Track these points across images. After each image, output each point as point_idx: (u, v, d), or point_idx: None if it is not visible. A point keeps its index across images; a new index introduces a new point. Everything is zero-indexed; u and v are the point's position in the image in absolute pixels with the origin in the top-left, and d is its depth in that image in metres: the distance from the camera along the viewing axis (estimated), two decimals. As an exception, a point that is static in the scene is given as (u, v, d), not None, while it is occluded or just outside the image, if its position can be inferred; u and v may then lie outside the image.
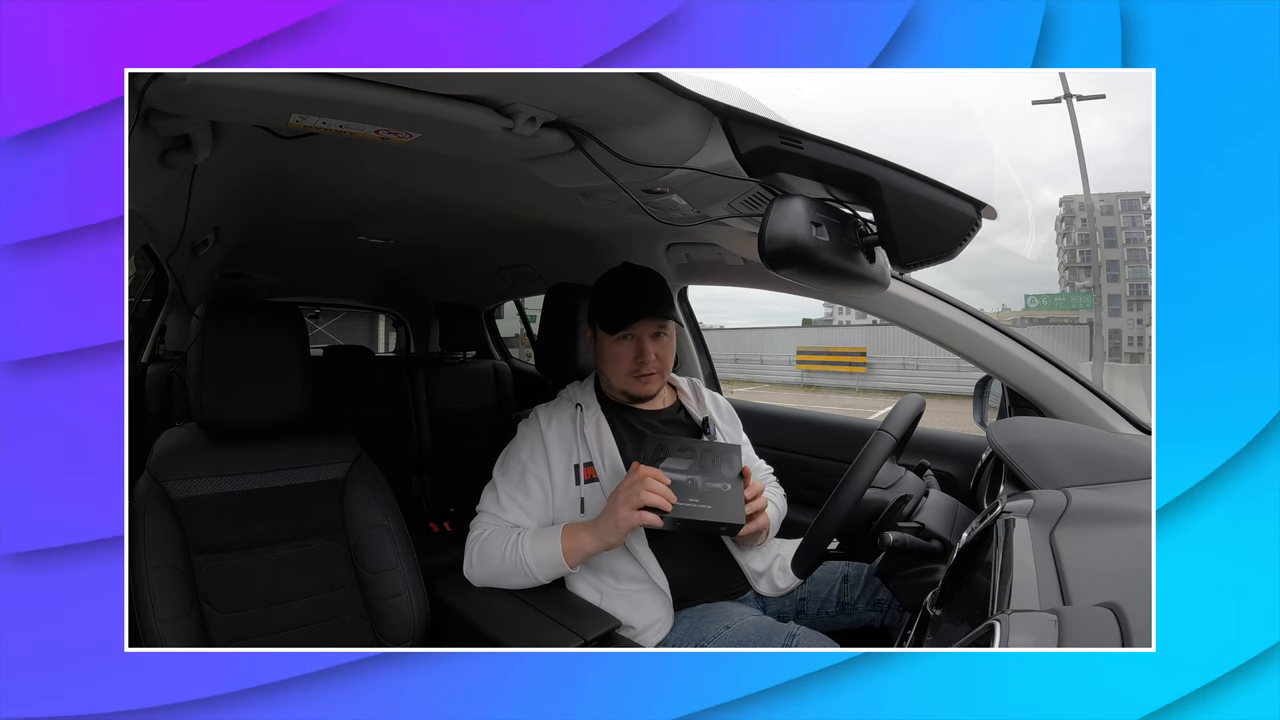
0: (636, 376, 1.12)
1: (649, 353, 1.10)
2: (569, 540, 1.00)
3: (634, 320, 1.10)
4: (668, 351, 1.14)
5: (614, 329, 1.11)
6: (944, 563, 0.89)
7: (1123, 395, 1.19)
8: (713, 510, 0.96)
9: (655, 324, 1.11)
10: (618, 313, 1.11)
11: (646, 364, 1.11)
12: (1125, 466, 0.91)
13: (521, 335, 3.61)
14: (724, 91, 0.73)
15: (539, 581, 1.02)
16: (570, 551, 0.99)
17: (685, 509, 0.94)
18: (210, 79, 0.62)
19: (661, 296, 1.13)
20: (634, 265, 1.17)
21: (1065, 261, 22.68)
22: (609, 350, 1.13)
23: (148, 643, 0.89)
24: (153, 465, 0.99)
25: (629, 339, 1.11)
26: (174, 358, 2.01)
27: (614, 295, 1.13)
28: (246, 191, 1.25)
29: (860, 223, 0.80)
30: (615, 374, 1.13)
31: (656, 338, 1.12)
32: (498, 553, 1.02)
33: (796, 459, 1.59)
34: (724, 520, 0.96)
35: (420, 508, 2.30)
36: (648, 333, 1.11)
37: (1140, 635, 0.44)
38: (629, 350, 1.11)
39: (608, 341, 1.12)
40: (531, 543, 1.01)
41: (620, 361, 1.12)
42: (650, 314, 1.10)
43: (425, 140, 0.80)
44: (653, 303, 1.11)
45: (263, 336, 1.07)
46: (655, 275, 1.16)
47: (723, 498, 0.98)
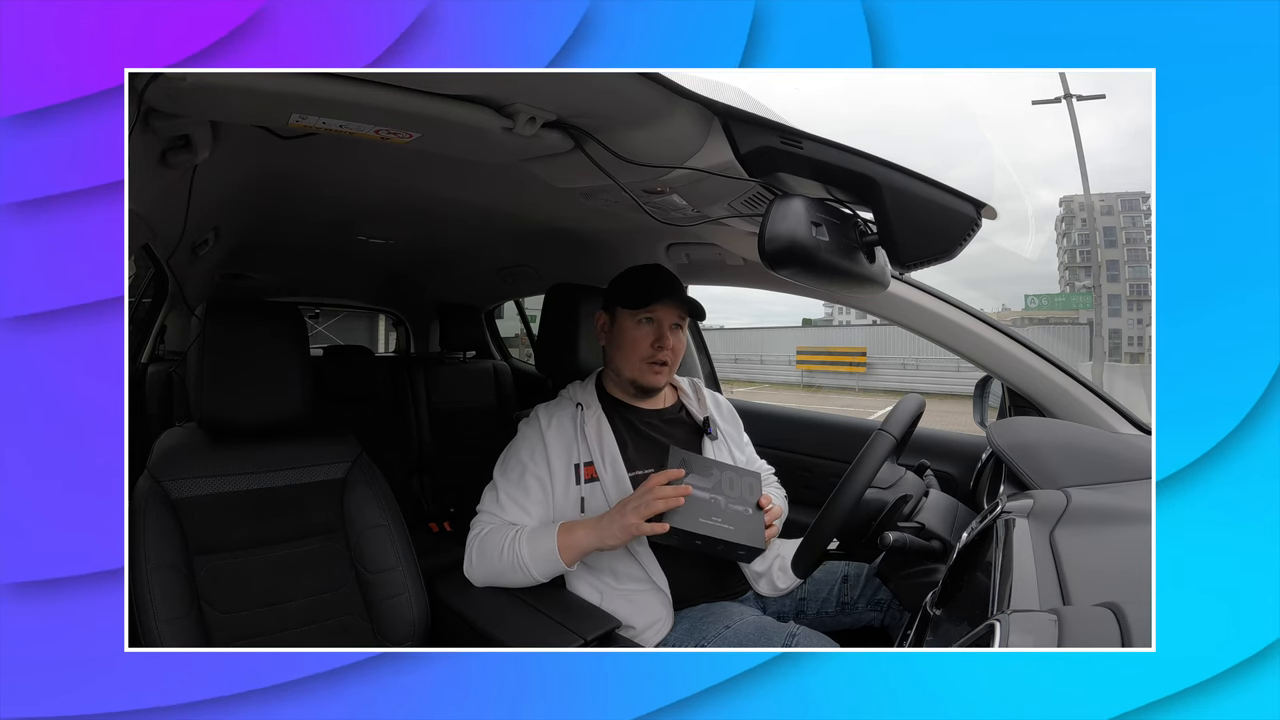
0: (651, 363, 1.12)
1: (668, 339, 1.11)
2: (565, 537, 0.99)
3: (661, 298, 1.11)
4: (681, 347, 1.15)
5: (638, 304, 1.11)
6: (944, 563, 0.89)
7: (1123, 395, 1.19)
8: (735, 531, 0.95)
9: (677, 313, 1.12)
10: (642, 291, 1.12)
11: (664, 350, 1.11)
12: (1125, 466, 0.91)
13: (521, 335, 3.61)
14: (723, 91, 0.73)
15: (535, 579, 1.01)
16: (566, 548, 0.99)
17: (708, 526, 0.94)
18: (210, 79, 0.62)
19: (684, 292, 1.15)
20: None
21: (1065, 261, 22.69)
22: (628, 333, 1.12)
23: (148, 643, 0.89)
24: (153, 465, 0.99)
25: (650, 323, 1.12)
26: (174, 358, 2.01)
27: (641, 277, 1.15)
28: (246, 191, 1.25)
29: (860, 223, 0.80)
30: (629, 360, 1.13)
31: (675, 330, 1.13)
32: (495, 550, 1.02)
33: (796, 459, 1.59)
34: (746, 543, 0.95)
35: (420, 508, 2.30)
36: (669, 320, 1.12)
37: (1140, 635, 0.45)
38: (649, 334, 1.11)
39: (628, 323, 1.12)
40: (528, 539, 1.01)
41: (638, 345, 1.12)
42: (677, 299, 1.11)
43: (425, 140, 0.80)
44: (679, 291, 1.13)
45: (263, 336, 1.07)
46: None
47: (745, 520, 0.97)
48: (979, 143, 49.89)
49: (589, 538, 0.98)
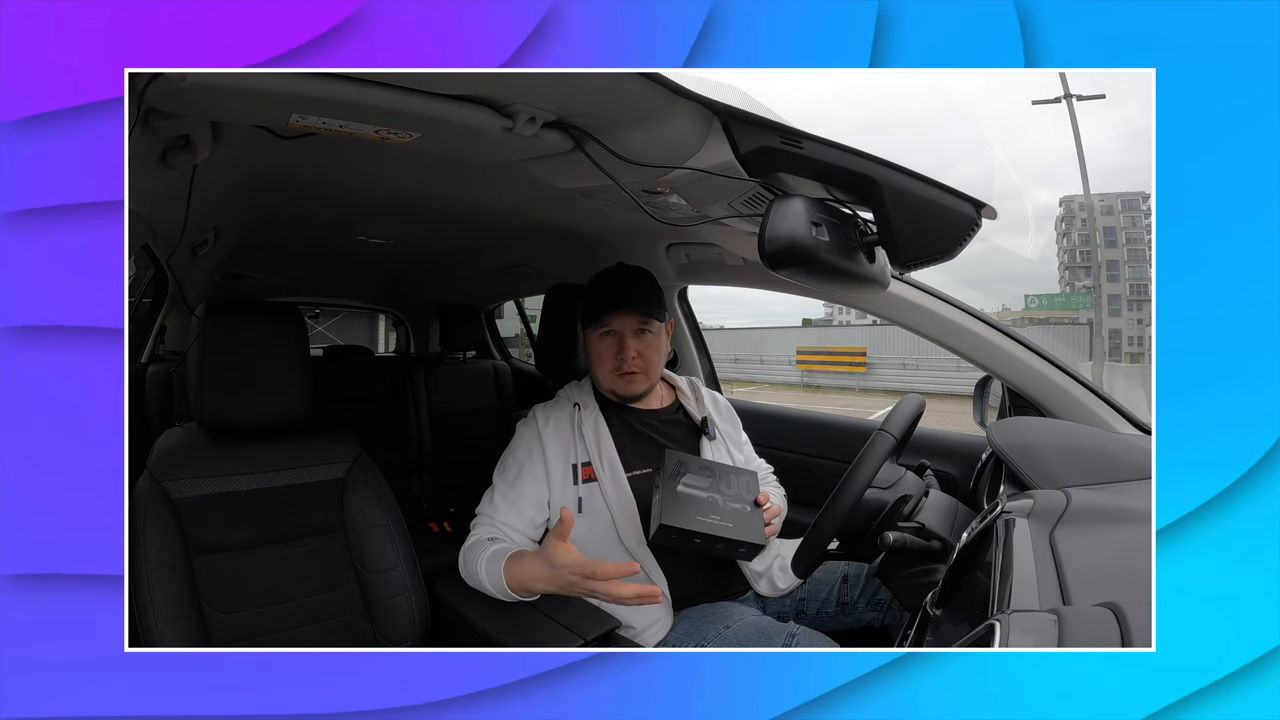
0: (619, 375, 1.10)
1: (629, 349, 1.08)
2: (513, 568, 0.94)
3: (611, 312, 1.09)
4: (653, 351, 1.11)
5: (591, 322, 1.10)
6: (944, 563, 0.89)
7: (1123, 395, 1.19)
8: (735, 529, 0.95)
9: (637, 320, 1.09)
10: (597, 306, 1.10)
11: (626, 361, 1.09)
12: (1125, 466, 0.91)
13: (521, 335, 3.61)
14: (722, 91, 0.73)
15: (504, 599, 0.98)
16: (513, 579, 0.94)
17: (706, 524, 0.94)
18: (210, 79, 0.62)
19: (646, 293, 1.11)
20: (626, 264, 1.16)
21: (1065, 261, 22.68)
22: (593, 347, 1.12)
23: (148, 643, 0.89)
24: (153, 465, 0.99)
25: (610, 335, 1.10)
26: (174, 358, 2.01)
27: (597, 290, 1.12)
28: (246, 191, 1.25)
29: (860, 223, 0.80)
30: (599, 372, 1.13)
31: (640, 335, 1.10)
32: (473, 564, 1.00)
33: (796, 459, 1.59)
34: (746, 540, 0.95)
35: (420, 508, 2.30)
36: (629, 329, 1.09)
37: (1140, 635, 0.44)
38: (610, 347, 1.10)
39: (592, 338, 1.12)
40: (486, 565, 0.97)
41: (602, 359, 1.11)
42: (630, 307, 1.08)
43: (425, 140, 0.80)
44: (633, 297, 1.09)
45: (263, 336, 1.07)
46: (645, 273, 1.14)
47: (744, 518, 0.97)
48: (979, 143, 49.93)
49: (536, 580, 0.92)
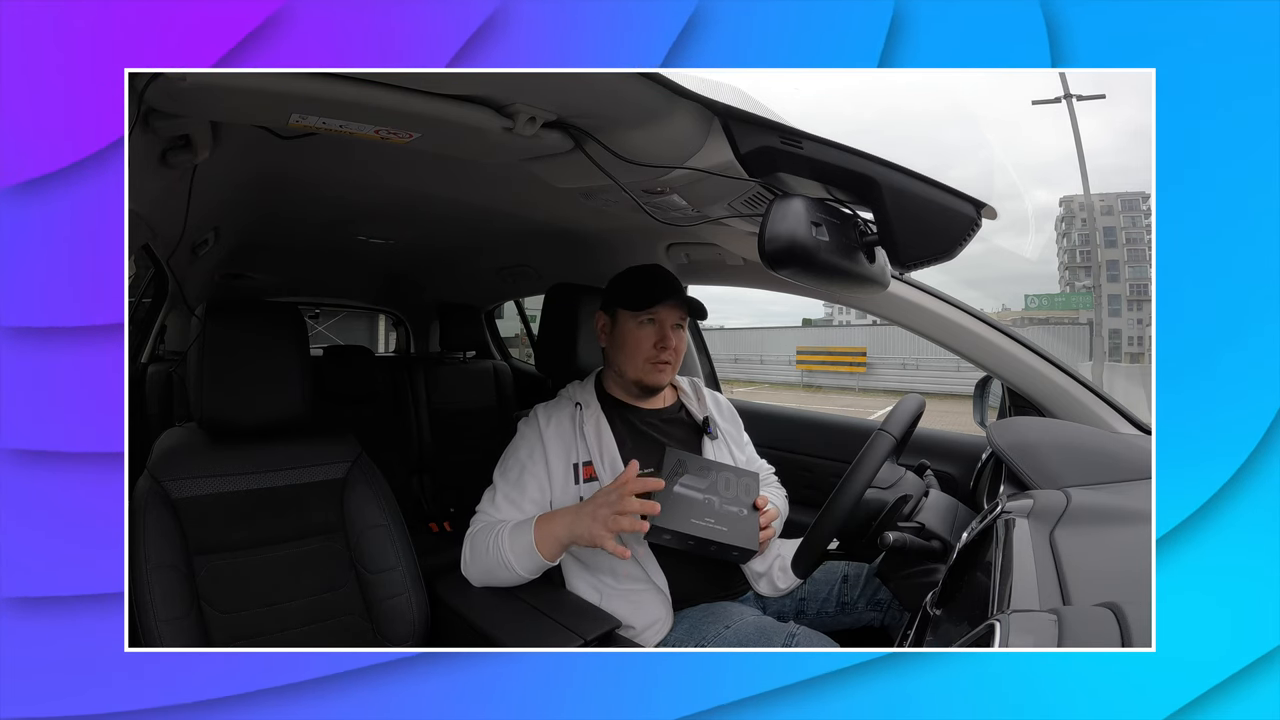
0: (655, 364, 1.12)
1: (670, 339, 1.12)
2: (542, 528, 0.97)
3: (662, 300, 1.11)
4: (683, 346, 1.16)
5: (641, 305, 1.12)
6: (944, 563, 0.89)
7: (1123, 395, 1.19)
8: (728, 533, 0.95)
9: (679, 314, 1.13)
10: (644, 293, 1.12)
11: (667, 350, 1.11)
12: (1125, 466, 0.91)
13: (521, 335, 3.61)
14: (722, 91, 0.73)
15: (521, 576, 1.00)
16: (542, 539, 0.97)
17: (700, 527, 0.94)
18: (210, 79, 0.62)
19: (683, 292, 1.15)
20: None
21: (1065, 261, 22.70)
22: (630, 335, 1.13)
23: (148, 643, 0.89)
24: (153, 465, 0.99)
25: (652, 323, 1.12)
26: (174, 358, 2.01)
27: (641, 278, 1.15)
28: (246, 191, 1.25)
29: (860, 223, 0.80)
30: (632, 360, 1.13)
31: (677, 330, 1.13)
32: (483, 547, 1.01)
33: (796, 459, 1.59)
34: (739, 544, 0.95)
35: (420, 508, 2.30)
36: (671, 320, 1.13)
37: (1140, 635, 0.44)
38: (651, 335, 1.12)
39: (630, 324, 1.13)
40: (510, 533, 0.99)
41: (640, 346, 1.12)
42: (679, 299, 1.12)
43: (425, 140, 0.80)
44: (681, 292, 1.14)
45: (263, 336, 1.07)
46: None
47: (739, 522, 0.97)
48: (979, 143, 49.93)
49: (563, 527, 0.96)
